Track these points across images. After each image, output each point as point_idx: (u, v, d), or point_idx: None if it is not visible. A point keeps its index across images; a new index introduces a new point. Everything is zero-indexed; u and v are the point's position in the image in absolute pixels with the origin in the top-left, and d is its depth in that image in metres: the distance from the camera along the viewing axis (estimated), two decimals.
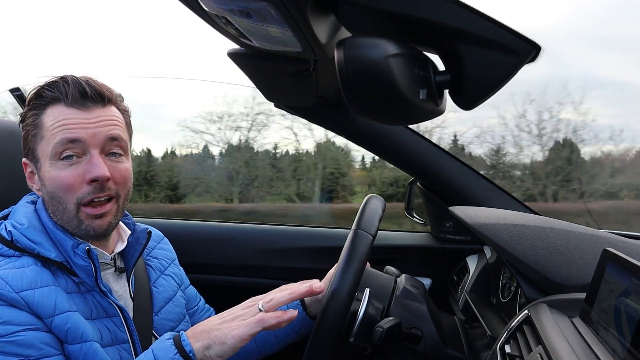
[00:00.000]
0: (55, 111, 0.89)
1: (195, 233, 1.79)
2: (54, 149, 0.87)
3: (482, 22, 0.59)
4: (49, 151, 0.88)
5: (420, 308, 1.10)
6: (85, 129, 0.88)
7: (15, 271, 0.83)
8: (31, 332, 0.80)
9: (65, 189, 0.88)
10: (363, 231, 0.97)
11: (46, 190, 0.90)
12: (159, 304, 1.05)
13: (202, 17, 0.80)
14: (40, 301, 0.82)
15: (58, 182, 0.88)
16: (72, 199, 0.88)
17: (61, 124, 0.87)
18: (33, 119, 0.90)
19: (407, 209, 1.79)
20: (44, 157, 0.89)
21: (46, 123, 0.89)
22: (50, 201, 0.90)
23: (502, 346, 0.85)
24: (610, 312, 0.68)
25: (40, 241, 0.88)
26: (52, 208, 0.91)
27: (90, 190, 0.88)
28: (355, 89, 0.62)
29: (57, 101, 0.89)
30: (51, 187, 0.89)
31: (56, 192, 0.88)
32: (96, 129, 0.89)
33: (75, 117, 0.88)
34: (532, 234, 0.97)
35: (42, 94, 0.90)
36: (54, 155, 0.87)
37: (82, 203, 0.89)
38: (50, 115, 0.89)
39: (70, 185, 0.87)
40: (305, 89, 1.21)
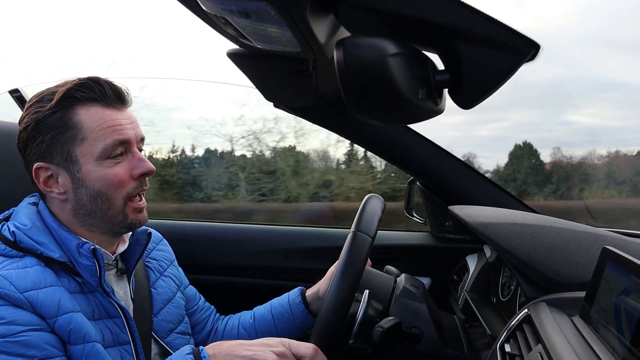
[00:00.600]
0: (93, 112, 0.89)
1: (195, 233, 1.79)
2: (104, 149, 0.89)
3: (481, 21, 0.59)
4: (96, 151, 0.89)
5: (420, 307, 1.10)
6: (130, 130, 0.92)
7: (19, 271, 0.83)
8: (35, 333, 0.80)
9: (116, 185, 0.91)
10: (362, 233, 0.97)
11: (88, 190, 0.90)
12: (158, 305, 1.05)
13: (202, 18, 0.80)
14: (44, 301, 0.82)
15: (109, 180, 0.90)
16: (122, 194, 0.92)
17: (109, 125, 0.90)
18: (61, 120, 0.88)
19: (407, 208, 1.80)
20: (87, 157, 0.89)
21: (87, 124, 0.88)
22: (92, 201, 0.91)
23: (502, 345, 0.85)
24: (610, 311, 0.68)
25: (44, 241, 0.88)
26: (91, 207, 0.91)
27: (138, 184, 0.93)
28: (355, 88, 0.62)
29: (92, 101, 0.90)
30: (99, 185, 0.90)
31: (104, 190, 0.90)
32: (134, 128, 0.94)
33: (118, 118, 0.91)
34: (531, 233, 0.97)
35: (73, 95, 0.89)
36: (102, 155, 0.89)
37: (130, 197, 0.93)
38: (87, 116, 0.89)
39: (121, 181, 0.91)
40: (304, 89, 1.21)
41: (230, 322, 1.22)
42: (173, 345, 1.03)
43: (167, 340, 1.03)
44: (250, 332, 1.17)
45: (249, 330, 1.17)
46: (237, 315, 1.24)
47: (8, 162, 1.08)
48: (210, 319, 1.22)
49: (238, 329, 1.19)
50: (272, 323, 1.15)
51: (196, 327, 1.18)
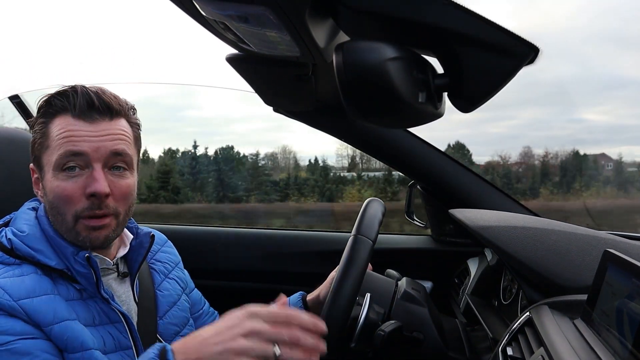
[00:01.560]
0: (62, 121, 0.89)
1: (198, 238, 1.79)
2: (57, 160, 0.87)
3: (480, 24, 0.59)
4: (52, 161, 0.88)
5: (422, 311, 1.09)
6: (89, 142, 0.87)
7: (15, 279, 0.83)
8: (27, 341, 0.80)
9: (64, 201, 0.87)
10: (363, 236, 0.97)
11: (47, 199, 0.90)
12: (164, 307, 1.04)
13: (201, 23, 0.81)
14: (38, 309, 0.82)
15: (58, 193, 0.87)
16: (71, 211, 0.88)
17: (65, 135, 0.87)
18: (41, 127, 0.90)
19: (408, 212, 1.79)
20: (48, 167, 0.89)
21: (52, 133, 0.88)
22: (50, 210, 0.91)
23: (504, 348, 0.85)
24: (612, 314, 0.68)
25: (41, 249, 0.88)
26: (52, 217, 0.91)
27: (89, 205, 0.87)
28: (354, 92, 0.62)
29: (64, 111, 0.89)
30: (52, 196, 0.88)
31: (56, 202, 0.88)
32: (100, 142, 0.88)
33: (80, 129, 0.88)
34: (532, 236, 0.97)
35: (51, 103, 0.90)
36: (57, 166, 0.87)
37: (81, 216, 0.88)
38: (57, 125, 0.89)
39: (69, 197, 0.87)
40: (304, 93, 1.22)
41: None
42: None
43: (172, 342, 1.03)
44: None
45: None
46: None
47: (8, 167, 1.08)
48: None
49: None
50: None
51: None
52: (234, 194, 6.50)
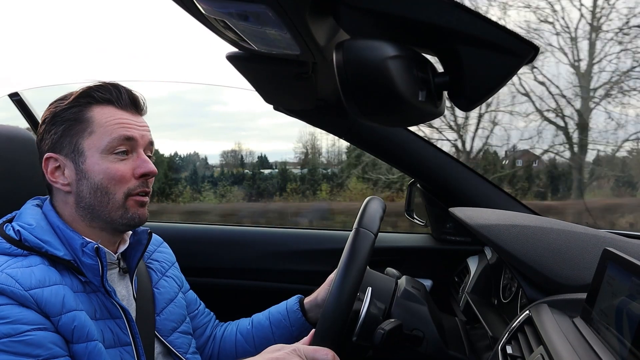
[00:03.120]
0: (106, 111, 0.95)
1: (197, 236, 1.79)
2: (110, 143, 0.93)
3: (480, 23, 0.59)
4: (102, 145, 0.93)
5: (422, 309, 1.10)
6: (139, 130, 0.97)
7: (24, 270, 0.84)
8: (40, 332, 0.81)
9: (117, 180, 0.93)
10: (365, 229, 0.97)
11: (90, 182, 0.93)
12: (161, 304, 1.06)
13: (201, 21, 0.80)
14: (48, 299, 0.83)
15: (110, 174, 0.93)
16: (123, 190, 0.94)
17: (118, 122, 0.94)
18: (76, 115, 0.94)
19: (408, 210, 1.79)
20: (92, 150, 0.93)
21: (97, 119, 0.94)
22: (92, 194, 0.93)
23: (504, 347, 0.85)
24: (611, 312, 0.68)
25: (49, 240, 0.90)
26: (91, 201, 0.94)
27: (139, 184, 0.96)
28: (355, 91, 0.62)
29: (107, 102, 0.96)
30: (99, 178, 0.93)
31: (105, 183, 0.93)
32: (144, 132, 0.98)
33: (130, 119, 0.97)
34: (532, 235, 0.97)
35: (91, 94, 0.95)
36: (107, 149, 0.93)
37: (131, 194, 0.95)
38: (101, 113, 0.94)
39: (122, 177, 0.94)
40: (304, 92, 1.22)
41: (228, 329, 1.22)
42: (176, 344, 1.04)
43: (170, 339, 1.04)
44: (248, 339, 1.17)
45: (246, 337, 1.17)
46: (235, 322, 1.24)
47: (8, 165, 1.08)
48: (209, 325, 1.22)
49: (236, 335, 1.19)
50: (270, 330, 1.15)
51: (195, 332, 1.18)
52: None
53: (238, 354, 1.17)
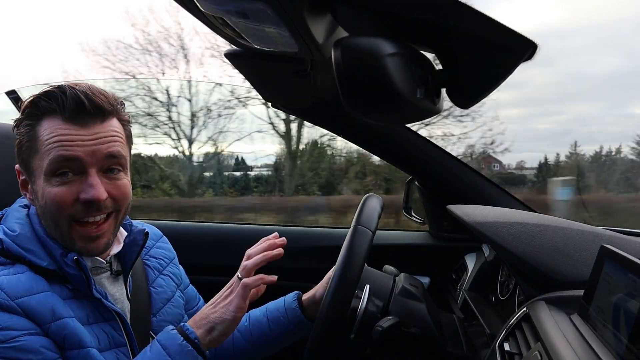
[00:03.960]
0: (50, 124, 0.84)
1: (196, 234, 1.79)
2: (49, 165, 0.83)
3: (478, 20, 0.59)
4: (43, 166, 0.84)
5: (419, 307, 1.10)
6: (83, 147, 0.84)
7: (11, 278, 0.82)
8: (31, 337, 0.80)
9: (58, 207, 0.84)
10: (363, 227, 0.97)
11: (39, 204, 0.87)
12: (157, 305, 1.04)
13: (199, 18, 0.80)
14: (36, 308, 0.81)
15: (51, 199, 0.84)
16: (65, 216, 0.85)
17: (57, 140, 0.83)
18: (27, 129, 0.86)
19: (405, 207, 1.79)
20: (38, 171, 0.85)
21: (41, 136, 0.84)
22: (43, 215, 0.88)
23: (501, 344, 0.85)
24: (608, 309, 0.68)
25: (32, 249, 0.86)
26: (45, 222, 0.88)
27: (83, 210, 0.85)
28: (353, 88, 0.62)
29: (53, 113, 0.84)
30: (44, 202, 0.85)
31: (49, 208, 0.85)
32: (94, 146, 0.85)
33: (72, 134, 0.84)
34: (529, 232, 0.97)
35: (37, 104, 0.85)
36: (48, 171, 0.84)
37: (75, 221, 0.86)
38: (45, 128, 0.84)
39: (62, 202, 0.84)
40: (302, 89, 1.21)
41: None
42: None
43: None
44: (246, 335, 1.16)
45: (244, 333, 1.17)
46: None
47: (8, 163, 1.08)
48: None
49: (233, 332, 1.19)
50: (267, 327, 1.14)
51: None
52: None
53: (235, 352, 1.16)
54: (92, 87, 0.88)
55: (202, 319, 0.89)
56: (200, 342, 0.86)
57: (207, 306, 0.92)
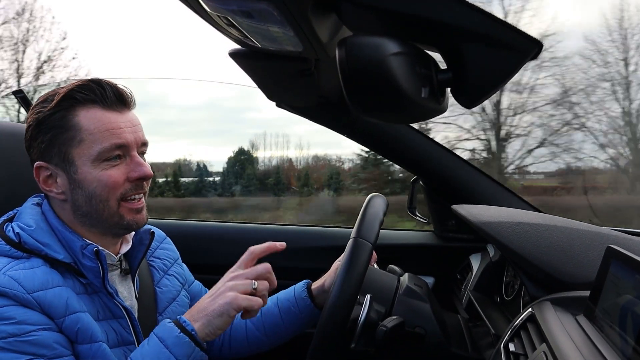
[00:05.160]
0: (91, 114, 0.89)
1: (200, 233, 1.80)
2: (101, 152, 0.89)
3: (483, 19, 0.59)
4: (92, 154, 0.89)
5: (424, 307, 1.09)
6: (129, 133, 0.91)
7: (27, 272, 0.84)
8: (45, 332, 0.81)
9: (111, 187, 0.90)
10: (362, 239, 0.98)
11: (84, 192, 0.90)
12: (163, 304, 1.05)
13: (204, 18, 0.80)
14: (52, 302, 0.83)
15: (104, 181, 0.89)
16: (116, 196, 0.91)
17: (107, 128, 0.89)
18: (61, 121, 0.89)
19: (410, 207, 1.79)
20: (83, 159, 0.89)
21: (85, 125, 0.88)
22: (87, 202, 0.91)
23: (506, 344, 0.85)
24: (614, 310, 0.68)
25: (49, 242, 0.89)
26: (87, 209, 0.91)
27: (133, 187, 0.93)
28: (357, 87, 0.62)
29: (92, 103, 0.90)
30: (94, 187, 0.90)
31: (99, 191, 0.90)
32: (135, 132, 0.93)
33: (118, 121, 0.91)
34: (535, 232, 0.97)
35: (73, 96, 0.89)
36: (99, 157, 0.89)
37: (124, 199, 0.92)
38: (86, 117, 0.89)
39: (116, 182, 0.90)
40: (307, 89, 1.21)
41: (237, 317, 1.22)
42: None
43: None
44: (258, 326, 1.17)
45: (256, 324, 1.18)
46: None
47: (11, 162, 1.09)
48: None
49: (246, 322, 1.20)
50: (279, 317, 1.16)
51: None
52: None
53: (250, 342, 1.18)
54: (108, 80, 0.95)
55: (199, 311, 0.89)
56: (198, 334, 0.86)
57: (205, 298, 0.92)
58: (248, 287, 0.90)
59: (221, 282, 0.93)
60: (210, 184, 7.60)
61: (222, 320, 0.87)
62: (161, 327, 0.87)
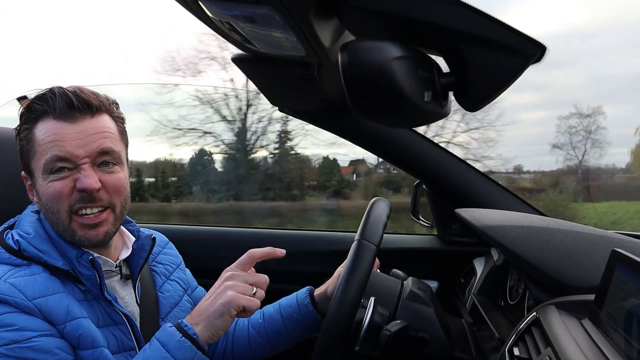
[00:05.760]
0: (45, 125, 0.89)
1: (203, 238, 1.80)
2: (45, 164, 0.88)
3: (486, 23, 0.59)
4: (41, 166, 0.88)
5: (428, 311, 1.09)
6: (75, 143, 0.88)
7: (27, 279, 0.84)
8: (46, 338, 0.81)
9: (56, 199, 0.88)
10: (366, 241, 0.97)
11: (42, 203, 0.91)
12: (165, 309, 1.05)
13: (207, 23, 0.81)
14: (52, 308, 0.83)
15: (50, 193, 0.88)
16: (64, 208, 0.88)
17: (51, 140, 0.87)
18: (25, 133, 0.90)
19: (413, 211, 1.79)
20: (37, 172, 0.90)
21: (37, 138, 0.89)
22: (46, 213, 0.92)
23: (511, 348, 0.85)
24: (620, 314, 0.67)
25: (47, 250, 0.89)
26: (49, 220, 0.92)
27: (79, 198, 0.88)
28: (360, 92, 0.62)
29: (46, 114, 0.89)
30: (45, 199, 0.89)
31: (49, 203, 0.89)
32: (86, 142, 0.89)
33: (64, 132, 0.88)
34: (539, 236, 0.97)
35: (31, 108, 0.90)
36: (45, 170, 0.88)
37: (74, 211, 0.89)
38: (40, 129, 0.89)
39: (60, 193, 0.88)
40: (309, 93, 1.22)
41: (240, 322, 1.22)
42: None
43: None
44: (260, 332, 1.17)
45: (258, 330, 1.18)
46: None
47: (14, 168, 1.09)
48: None
49: (248, 329, 1.19)
50: (282, 323, 1.15)
51: None
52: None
53: (252, 349, 1.17)
54: (81, 86, 0.92)
55: (199, 314, 0.88)
56: (199, 337, 0.86)
57: (204, 300, 0.91)
58: (248, 290, 0.90)
59: (219, 282, 0.92)
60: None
61: (223, 320, 0.87)
62: (162, 331, 0.87)
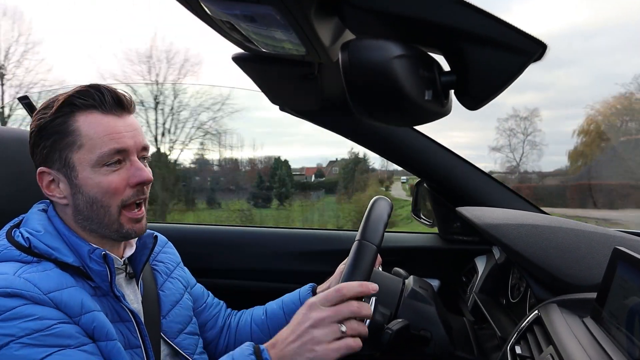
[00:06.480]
0: (91, 119, 0.90)
1: (203, 237, 1.80)
2: (100, 157, 0.89)
3: (487, 21, 0.59)
4: (92, 159, 0.89)
5: (429, 310, 1.09)
6: (128, 138, 0.92)
7: (41, 274, 0.85)
8: (65, 325, 0.82)
9: (111, 193, 0.91)
10: (367, 242, 0.97)
11: (85, 197, 0.91)
12: (167, 307, 1.06)
13: (207, 23, 0.81)
14: (67, 302, 0.84)
15: (104, 187, 0.90)
16: (117, 202, 0.92)
17: (107, 133, 0.90)
18: (61, 127, 0.90)
19: (414, 210, 1.79)
20: (83, 165, 0.90)
21: (84, 131, 0.90)
22: (88, 207, 0.92)
23: (513, 347, 0.85)
24: (622, 312, 0.67)
25: (58, 246, 0.90)
26: (88, 214, 0.92)
27: (134, 193, 0.93)
28: (360, 91, 0.62)
29: (91, 108, 0.91)
30: (94, 192, 0.90)
31: (99, 197, 0.91)
32: (135, 137, 0.93)
33: (117, 126, 0.91)
34: (540, 234, 0.96)
35: (72, 102, 0.91)
36: (98, 162, 0.90)
37: (125, 205, 0.93)
38: (85, 123, 0.90)
39: (116, 188, 0.91)
40: (310, 92, 1.22)
41: (242, 319, 1.23)
42: (183, 346, 1.05)
43: (177, 341, 1.04)
44: (263, 329, 1.18)
45: (261, 326, 1.18)
46: (249, 311, 1.24)
47: (18, 167, 1.09)
48: (220, 315, 1.23)
49: (251, 325, 1.20)
50: (284, 320, 1.16)
51: (207, 324, 1.19)
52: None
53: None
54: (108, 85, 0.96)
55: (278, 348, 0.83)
56: None
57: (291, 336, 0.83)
58: (337, 333, 0.82)
59: (303, 320, 0.83)
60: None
61: None
62: (239, 351, 0.85)
